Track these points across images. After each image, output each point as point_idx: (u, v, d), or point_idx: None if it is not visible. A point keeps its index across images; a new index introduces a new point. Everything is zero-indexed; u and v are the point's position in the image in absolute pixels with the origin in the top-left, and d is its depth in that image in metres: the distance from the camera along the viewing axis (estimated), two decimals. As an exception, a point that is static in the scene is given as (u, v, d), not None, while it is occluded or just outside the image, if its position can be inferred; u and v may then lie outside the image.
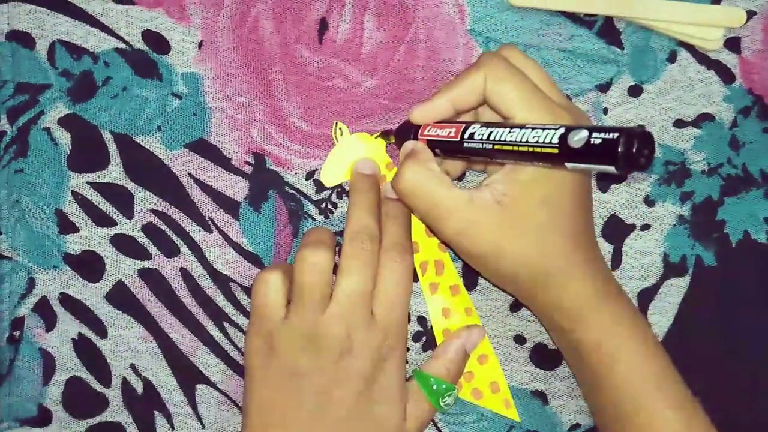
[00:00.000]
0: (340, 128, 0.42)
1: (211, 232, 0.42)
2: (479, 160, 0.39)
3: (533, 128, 0.33)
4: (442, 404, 0.39)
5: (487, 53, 0.37)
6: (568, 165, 0.32)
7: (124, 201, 0.42)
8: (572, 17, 0.43)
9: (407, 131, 0.39)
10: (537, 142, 0.32)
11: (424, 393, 0.39)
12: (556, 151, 0.32)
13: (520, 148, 0.33)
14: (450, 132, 0.37)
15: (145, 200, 0.42)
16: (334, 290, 0.38)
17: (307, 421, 0.36)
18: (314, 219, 0.42)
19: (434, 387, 0.39)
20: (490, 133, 0.35)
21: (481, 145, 0.35)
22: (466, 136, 0.36)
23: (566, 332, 0.38)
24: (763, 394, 0.43)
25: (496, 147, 0.34)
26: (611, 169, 0.30)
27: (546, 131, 0.32)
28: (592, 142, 0.31)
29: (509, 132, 0.34)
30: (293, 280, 0.38)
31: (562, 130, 0.32)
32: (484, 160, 0.37)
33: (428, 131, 0.38)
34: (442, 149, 0.38)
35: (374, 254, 0.38)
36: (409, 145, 0.38)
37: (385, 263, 0.38)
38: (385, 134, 0.42)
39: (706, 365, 0.43)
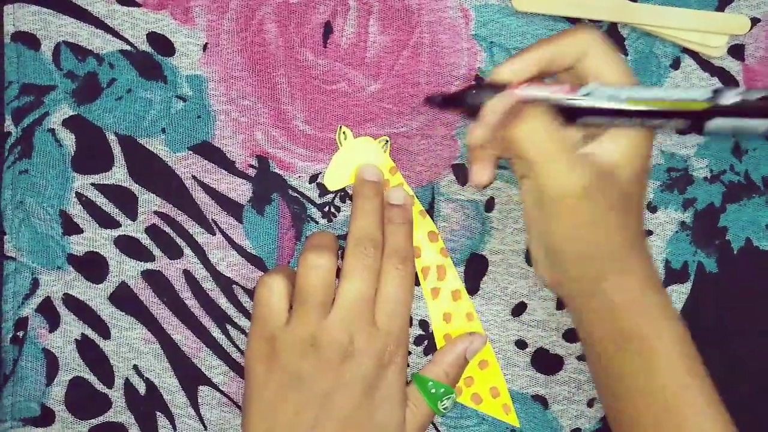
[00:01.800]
0: (344, 132, 0.42)
1: (215, 235, 0.42)
2: (582, 125, 0.35)
3: (667, 89, 0.34)
4: (440, 407, 0.40)
5: (587, 25, 0.35)
6: (711, 123, 0.33)
7: (127, 203, 0.42)
8: (576, 23, 0.43)
9: (483, 94, 0.35)
10: (682, 98, 0.33)
11: (422, 396, 0.39)
12: (706, 105, 0.32)
13: (663, 105, 0.33)
14: (562, 89, 0.35)
15: (149, 202, 0.42)
16: (336, 295, 0.38)
17: (308, 426, 0.36)
18: (317, 222, 0.42)
19: (432, 390, 0.39)
20: (623, 91, 0.34)
21: (606, 105, 0.34)
22: (584, 93, 0.34)
23: (609, 321, 0.35)
24: (763, 401, 0.43)
25: (630, 104, 0.33)
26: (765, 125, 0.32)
27: (690, 90, 0.33)
28: (747, 99, 0.32)
29: (647, 88, 0.34)
30: (296, 284, 0.38)
31: (709, 93, 0.33)
32: (592, 124, 0.35)
33: (524, 90, 0.35)
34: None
35: (377, 260, 0.39)
36: (510, 97, 0.35)
37: (388, 270, 0.39)
38: (442, 102, 0.37)
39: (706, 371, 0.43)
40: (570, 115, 0.35)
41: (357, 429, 0.37)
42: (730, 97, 0.32)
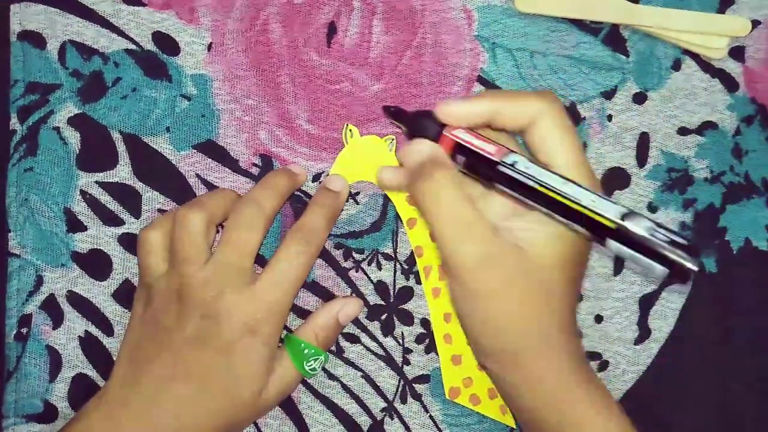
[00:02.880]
0: (350, 130, 0.42)
1: (218, 233, 0.42)
2: (501, 193, 0.35)
3: (590, 192, 0.33)
4: (306, 368, 0.40)
5: (549, 93, 0.36)
6: (612, 244, 0.32)
7: (131, 200, 0.42)
8: (579, 24, 0.43)
9: (423, 123, 0.36)
10: (594, 209, 0.32)
11: (289, 357, 0.39)
12: (612, 226, 0.32)
13: (573, 206, 0.32)
14: (490, 149, 0.34)
15: (153, 200, 0.42)
16: (212, 258, 0.38)
17: (163, 375, 0.37)
18: (320, 221, 0.43)
19: (303, 350, 0.40)
20: (541, 173, 0.33)
21: (521, 179, 0.33)
22: (508, 161, 0.34)
23: (533, 410, 0.36)
24: (762, 401, 0.44)
25: (541, 190, 0.33)
26: (660, 270, 0.31)
27: (605, 202, 0.32)
28: (654, 237, 0.31)
29: (564, 183, 0.33)
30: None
31: (623, 210, 0.32)
32: (508, 195, 0.35)
33: (459, 134, 0.35)
34: (468, 164, 0.35)
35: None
36: (427, 148, 0.35)
37: (288, 244, 0.39)
38: (392, 113, 0.39)
39: (706, 370, 0.43)
40: (489, 179, 0.35)
41: (210, 388, 0.37)
42: (639, 227, 0.31)
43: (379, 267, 0.43)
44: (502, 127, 0.36)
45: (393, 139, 0.42)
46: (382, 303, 0.43)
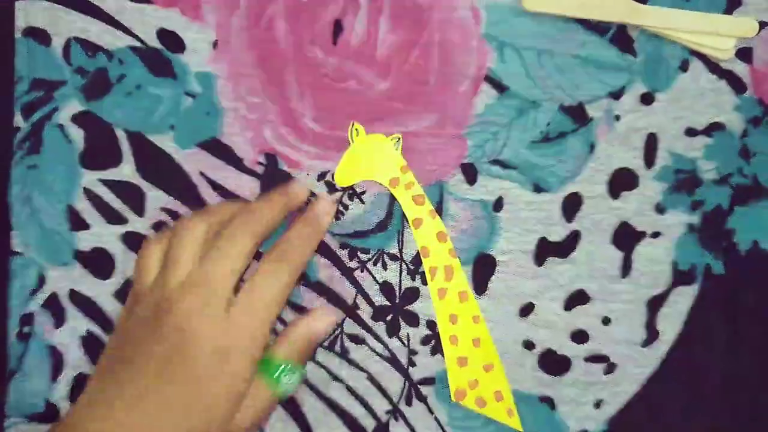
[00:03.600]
0: (356, 129, 0.42)
1: (222, 232, 0.42)
2: None
3: None
4: (281, 387, 0.38)
5: None
6: None
7: (135, 199, 0.42)
8: (586, 24, 0.43)
9: None
10: None
11: (263, 379, 0.38)
12: None
13: None
14: None
15: (157, 198, 0.42)
16: (196, 268, 0.37)
17: (135, 387, 0.36)
18: (325, 220, 0.42)
19: (278, 367, 0.38)
20: None
21: None
22: None
23: None
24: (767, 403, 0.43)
25: None
26: None
27: None
28: None
29: None
30: None
31: None
32: None
33: None
34: None
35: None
36: None
37: (265, 267, 0.38)
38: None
39: (713, 372, 0.43)
40: None
41: (180, 411, 0.35)
42: None
43: (385, 267, 0.42)
44: None
45: (399, 138, 0.42)
46: (388, 304, 0.43)
